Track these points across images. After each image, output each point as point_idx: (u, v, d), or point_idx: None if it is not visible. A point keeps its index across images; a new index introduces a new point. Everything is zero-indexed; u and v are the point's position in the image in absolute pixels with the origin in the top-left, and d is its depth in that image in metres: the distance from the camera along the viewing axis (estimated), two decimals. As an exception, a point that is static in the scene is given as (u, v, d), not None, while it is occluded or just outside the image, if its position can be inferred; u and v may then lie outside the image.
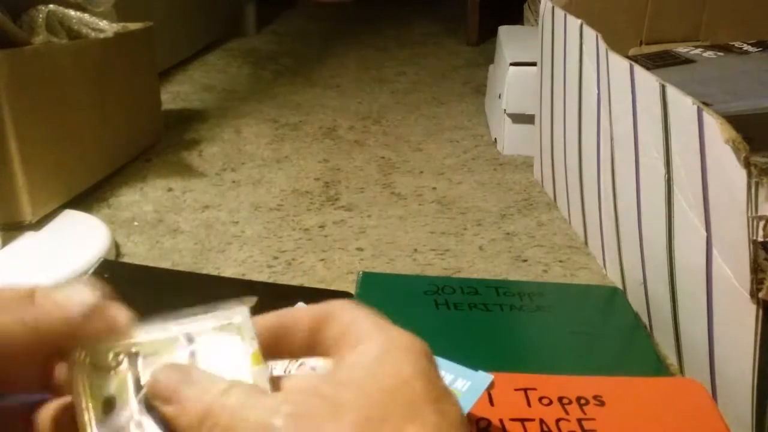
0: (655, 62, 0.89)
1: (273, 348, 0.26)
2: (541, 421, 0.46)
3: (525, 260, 0.87)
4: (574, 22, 0.86)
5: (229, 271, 0.83)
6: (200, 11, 1.91)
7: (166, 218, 0.97)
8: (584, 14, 0.87)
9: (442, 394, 0.23)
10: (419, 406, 0.22)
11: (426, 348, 0.25)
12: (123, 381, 0.24)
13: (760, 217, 0.50)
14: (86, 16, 0.98)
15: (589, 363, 0.62)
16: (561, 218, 0.99)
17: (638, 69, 0.68)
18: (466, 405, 0.43)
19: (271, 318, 0.27)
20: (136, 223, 0.95)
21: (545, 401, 0.48)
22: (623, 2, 1.06)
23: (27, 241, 0.84)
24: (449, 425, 0.22)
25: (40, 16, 0.91)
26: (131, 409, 0.24)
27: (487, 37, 2.05)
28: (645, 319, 0.73)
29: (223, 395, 0.23)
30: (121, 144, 1.13)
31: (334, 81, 1.72)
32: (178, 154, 1.21)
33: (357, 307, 0.26)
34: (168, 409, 0.23)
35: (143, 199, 1.03)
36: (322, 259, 0.86)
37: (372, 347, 0.24)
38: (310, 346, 0.26)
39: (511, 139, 1.23)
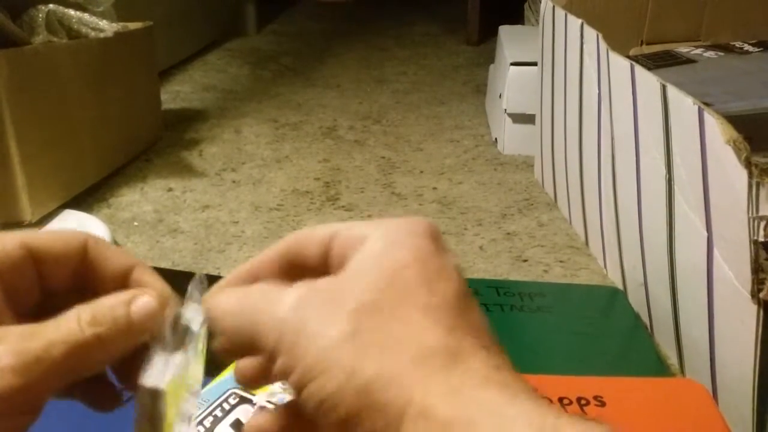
0: (655, 62, 0.89)
1: (288, 270, 0.27)
2: (542, 422, 0.46)
3: (525, 260, 0.87)
4: (574, 22, 0.86)
5: (229, 271, 0.83)
6: (200, 11, 1.91)
7: (166, 218, 0.97)
8: (585, 14, 0.87)
9: (437, 274, 0.24)
10: (412, 290, 0.23)
11: (429, 227, 0.26)
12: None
13: (761, 218, 0.50)
14: (86, 16, 0.98)
15: (590, 363, 0.62)
16: (561, 218, 0.99)
17: (639, 69, 0.68)
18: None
19: (282, 244, 0.28)
20: (135, 223, 0.95)
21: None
22: (624, 2, 1.05)
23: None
24: (440, 303, 0.23)
25: (40, 15, 0.90)
26: None
27: (487, 36, 2.05)
28: (645, 319, 0.73)
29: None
30: (121, 144, 1.13)
31: (334, 81, 1.72)
32: (178, 154, 1.21)
33: (363, 221, 0.27)
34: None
35: (143, 199, 1.03)
36: (323, 259, 0.86)
37: (374, 242, 0.25)
38: (323, 262, 0.27)
39: (511, 138, 1.23)
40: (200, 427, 0.46)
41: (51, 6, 0.92)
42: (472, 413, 0.20)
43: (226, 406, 0.47)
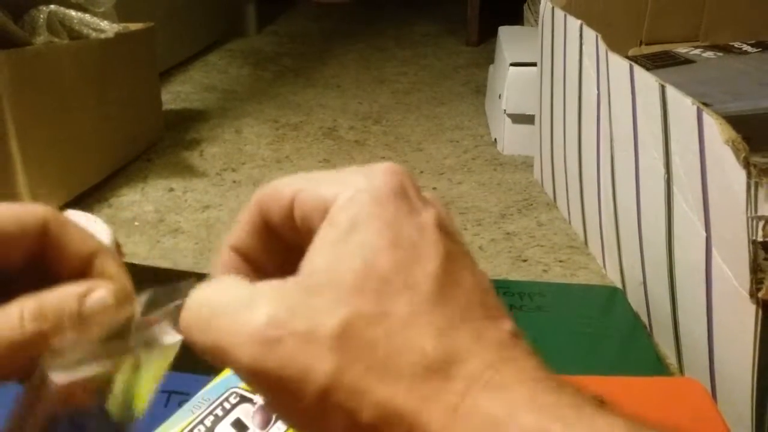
0: (654, 63, 0.89)
1: (263, 234, 0.25)
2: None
3: (525, 260, 0.88)
4: (573, 23, 0.86)
5: (229, 271, 0.83)
6: (201, 11, 1.91)
7: (166, 218, 0.97)
8: (584, 15, 0.87)
9: (412, 251, 0.21)
10: (389, 287, 0.20)
11: (397, 183, 0.22)
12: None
13: (760, 217, 0.50)
14: (87, 17, 0.98)
15: (589, 363, 0.62)
16: (561, 218, 0.99)
17: (638, 69, 0.68)
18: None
19: (251, 209, 0.25)
20: (136, 223, 0.95)
21: (545, 401, 0.48)
22: (623, 3, 1.06)
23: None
24: (423, 293, 0.21)
25: (42, 16, 0.91)
26: None
27: (487, 37, 2.06)
28: (645, 318, 0.73)
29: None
30: (122, 144, 1.13)
31: (334, 81, 1.72)
32: (179, 154, 1.21)
33: (326, 174, 0.24)
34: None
35: (144, 198, 1.03)
36: (323, 259, 0.86)
37: (338, 218, 0.22)
38: (290, 224, 0.24)
39: (511, 139, 1.23)
40: (201, 427, 0.46)
41: (52, 7, 0.92)
42: None
43: (227, 405, 0.47)
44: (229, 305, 0.21)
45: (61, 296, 0.23)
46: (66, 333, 0.22)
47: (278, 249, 0.25)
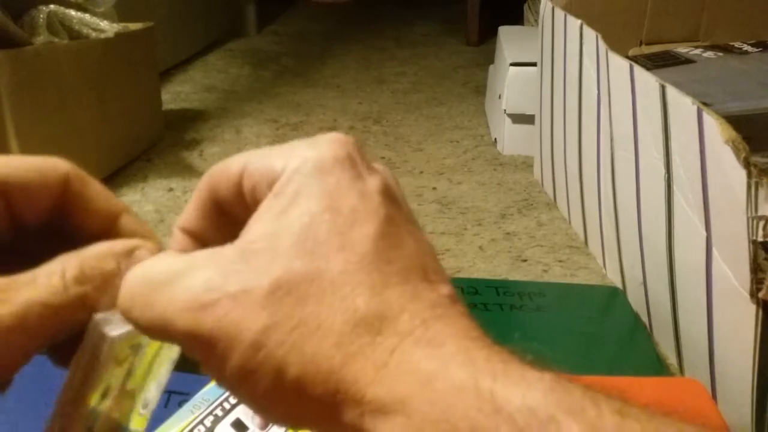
0: (654, 62, 0.89)
1: (213, 214, 0.24)
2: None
3: (525, 260, 0.88)
4: (574, 23, 0.86)
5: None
6: (201, 11, 1.91)
7: (167, 218, 0.97)
8: (584, 14, 0.87)
9: (351, 217, 0.21)
10: (325, 251, 0.20)
11: (342, 150, 0.22)
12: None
13: (760, 217, 0.50)
14: (87, 17, 0.98)
15: (589, 363, 0.62)
16: (561, 218, 0.99)
17: (638, 69, 0.68)
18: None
19: (201, 188, 0.24)
20: (136, 223, 0.95)
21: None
22: (623, 2, 1.06)
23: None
24: (358, 255, 0.20)
25: (41, 16, 0.91)
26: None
27: (487, 37, 2.06)
28: (645, 319, 0.73)
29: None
30: (122, 144, 1.13)
31: (334, 81, 1.72)
32: (179, 154, 1.21)
33: (274, 148, 0.23)
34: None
35: (144, 199, 1.03)
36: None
37: (282, 189, 0.22)
38: (239, 200, 0.23)
39: (511, 139, 1.23)
40: (201, 427, 0.46)
41: (52, 7, 0.92)
42: (402, 391, 0.19)
43: (227, 405, 0.47)
44: (167, 277, 0.21)
45: (102, 255, 0.22)
46: (108, 294, 0.22)
47: (229, 228, 0.24)
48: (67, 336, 0.22)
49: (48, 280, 0.21)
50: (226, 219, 0.24)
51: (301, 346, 0.19)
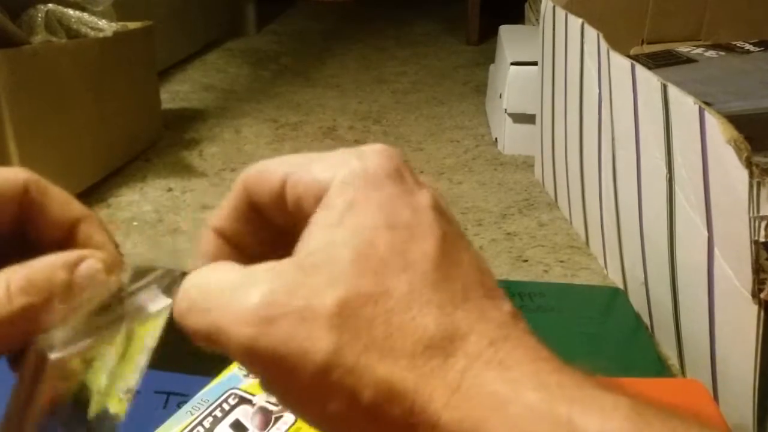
0: (656, 62, 0.88)
1: (250, 218, 0.24)
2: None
3: (526, 260, 0.87)
4: (575, 22, 0.85)
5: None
6: (200, 10, 1.91)
7: (165, 218, 0.97)
8: (585, 14, 0.86)
9: (409, 232, 0.21)
10: (387, 268, 0.20)
11: (390, 163, 0.22)
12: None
13: (762, 217, 0.49)
14: (85, 16, 0.97)
15: (590, 363, 0.62)
16: (562, 218, 0.99)
17: (639, 68, 0.68)
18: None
19: (237, 192, 0.24)
20: (135, 223, 0.95)
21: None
22: (624, 2, 1.05)
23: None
24: (422, 273, 0.20)
25: (39, 15, 0.90)
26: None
27: (487, 36, 2.05)
28: (646, 319, 0.73)
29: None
30: (121, 144, 1.13)
31: (334, 81, 1.72)
32: (178, 154, 1.21)
33: (314, 156, 0.23)
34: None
35: (143, 198, 1.03)
36: (322, 259, 0.86)
37: (334, 201, 0.21)
38: (280, 208, 0.23)
39: (511, 138, 1.23)
40: (200, 428, 0.46)
41: (50, 6, 0.92)
42: (476, 415, 0.18)
43: (226, 407, 0.47)
44: (225, 287, 0.21)
45: (50, 266, 0.22)
46: (56, 305, 0.21)
47: (264, 232, 0.24)
48: (20, 346, 0.21)
49: None
50: (262, 223, 0.24)
51: (375, 368, 0.19)
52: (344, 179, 0.21)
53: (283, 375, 0.20)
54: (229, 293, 0.21)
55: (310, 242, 0.21)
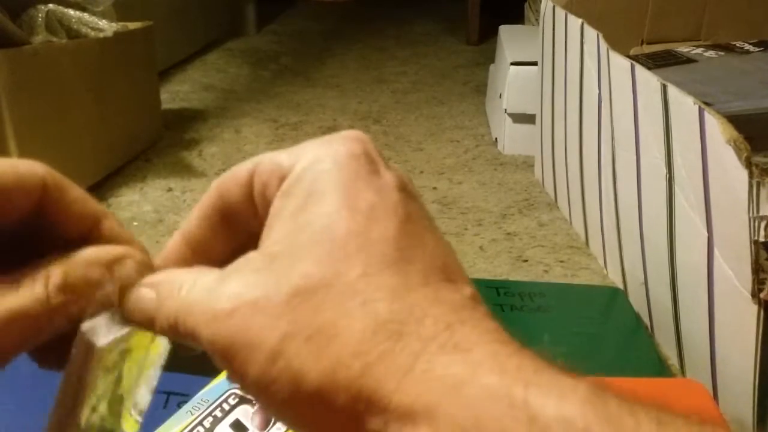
0: (656, 62, 0.89)
1: (223, 222, 0.24)
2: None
3: (526, 260, 0.87)
4: (575, 22, 0.85)
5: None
6: (200, 10, 1.91)
7: (165, 218, 0.97)
8: (585, 14, 0.86)
9: (369, 213, 0.20)
10: (344, 250, 0.20)
11: (357, 147, 0.22)
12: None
13: (762, 218, 0.49)
14: (86, 16, 0.97)
15: (590, 363, 0.62)
16: (562, 218, 0.99)
17: (639, 68, 0.68)
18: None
19: (210, 194, 0.25)
20: (135, 223, 0.95)
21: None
22: (624, 2, 1.05)
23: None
24: (379, 256, 0.20)
25: (40, 15, 0.90)
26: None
27: (487, 36, 2.05)
28: (646, 319, 0.73)
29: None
30: (121, 144, 1.13)
31: (334, 81, 1.72)
32: (178, 154, 1.21)
33: (284, 150, 0.23)
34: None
35: (143, 199, 1.03)
36: (322, 259, 0.86)
37: (295, 188, 0.21)
38: (250, 205, 0.23)
39: (511, 138, 1.23)
40: (200, 428, 0.46)
41: (50, 6, 0.92)
42: (429, 397, 0.18)
43: (226, 407, 0.47)
44: (201, 295, 0.21)
45: (88, 263, 0.22)
46: (91, 304, 0.22)
47: (235, 240, 0.24)
48: (48, 339, 0.22)
49: (31, 288, 0.21)
50: (232, 229, 0.24)
51: (318, 356, 0.19)
52: (306, 165, 0.21)
53: (238, 365, 0.20)
54: (197, 287, 0.21)
55: (271, 232, 0.21)
